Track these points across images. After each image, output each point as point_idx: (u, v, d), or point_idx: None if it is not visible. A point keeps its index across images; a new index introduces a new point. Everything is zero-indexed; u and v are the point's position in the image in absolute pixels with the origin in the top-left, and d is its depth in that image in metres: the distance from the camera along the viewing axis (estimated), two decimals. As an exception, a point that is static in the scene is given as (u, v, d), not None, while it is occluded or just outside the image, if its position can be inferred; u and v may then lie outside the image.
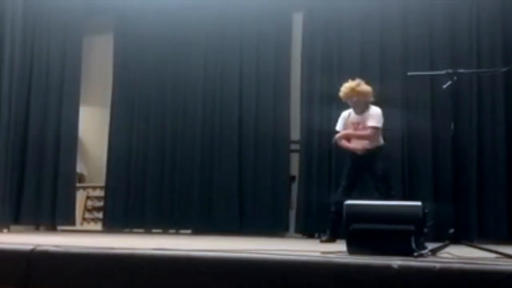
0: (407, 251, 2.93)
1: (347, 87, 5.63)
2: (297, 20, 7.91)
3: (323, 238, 5.57)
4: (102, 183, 8.63)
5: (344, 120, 5.74)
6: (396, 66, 7.09)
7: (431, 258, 2.94)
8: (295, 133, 7.71)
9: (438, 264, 2.32)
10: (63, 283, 2.78)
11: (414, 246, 3.00)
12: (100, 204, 8.76)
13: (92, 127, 9.18)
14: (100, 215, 8.71)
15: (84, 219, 8.98)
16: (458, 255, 3.17)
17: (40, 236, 5.96)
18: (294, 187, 7.65)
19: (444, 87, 4.21)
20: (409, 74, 5.57)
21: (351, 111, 5.72)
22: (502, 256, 3.24)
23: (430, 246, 3.23)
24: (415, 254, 2.95)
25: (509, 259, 3.07)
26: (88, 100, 8.96)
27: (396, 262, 2.37)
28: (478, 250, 3.52)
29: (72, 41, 8.35)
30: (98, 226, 8.66)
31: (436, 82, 6.12)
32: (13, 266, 2.86)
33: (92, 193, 9.08)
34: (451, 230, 3.72)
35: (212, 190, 7.87)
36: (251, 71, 7.96)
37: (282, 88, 7.82)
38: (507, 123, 6.65)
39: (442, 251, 3.41)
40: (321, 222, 6.61)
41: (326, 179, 7.22)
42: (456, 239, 3.68)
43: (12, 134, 7.32)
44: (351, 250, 3.11)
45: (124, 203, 8.30)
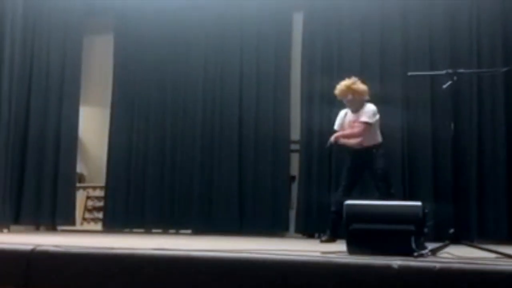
0: (407, 251, 2.94)
1: (343, 85, 5.62)
2: (297, 20, 7.91)
3: (323, 238, 5.56)
4: (102, 183, 8.63)
5: (341, 120, 5.73)
6: (396, 66, 7.09)
7: (431, 258, 2.94)
8: (295, 133, 7.71)
9: (438, 264, 2.32)
10: (63, 283, 2.78)
11: (414, 246, 3.00)
12: (100, 204, 8.76)
13: (92, 127, 9.18)
14: (100, 215, 8.71)
15: (84, 219, 8.97)
16: (458, 255, 3.17)
17: (40, 236, 5.96)
18: (294, 187, 7.65)
19: (444, 87, 4.22)
20: (409, 74, 5.58)
21: (348, 110, 5.71)
22: (502, 256, 3.24)
23: (430, 246, 3.24)
24: (415, 254, 2.95)
25: (509, 259, 3.08)
26: (88, 100, 8.95)
27: (396, 262, 2.37)
28: (478, 250, 3.52)
29: (72, 41, 8.35)
30: (98, 226, 8.66)
31: (436, 82, 6.13)
32: (13, 266, 2.86)
33: (92, 193, 9.08)
34: (451, 230, 3.72)
35: (212, 190, 7.87)
36: (251, 71, 7.95)
37: (282, 88, 7.82)
38: (507, 123, 6.65)
39: (442, 251, 3.41)
40: (321, 222, 6.62)
41: (326, 179, 7.22)
42: (456, 239, 3.68)
43: (12, 134, 7.32)
44: (351, 250, 3.12)
45: (124, 203, 8.30)
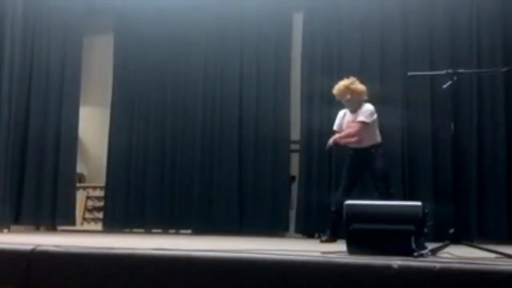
0: (407, 251, 2.94)
1: (341, 85, 5.62)
2: (297, 20, 7.91)
3: (323, 238, 5.55)
4: (102, 183, 8.63)
5: (340, 120, 5.73)
6: (396, 66, 7.09)
7: (431, 258, 2.94)
8: (295, 133, 7.71)
9: (438, 264, 2.32)
10: (63, 283, 2.78)
11: (414, 246, 3.00)
12: (100, 204, 8.76)
13: (92, 127, 9.17)
14: (100, 215, 8.71)
15: (84, 219, 8.97)
16: (458, 255, 3.17)
17: (40, 236, 5.96)
18: (294, 187, 7.65)
19: (444, 87, 4.22)
20: (409, 74, 5.57)
21: (347, 110, 5.71)
22: (502, 256, 3.24)
23: (430, 246, 3.24)
24: (415, 254, 2.95)
25: (509, 259, 3.07)
26: (88, 100, 8.95)
27: (396, 262, 2.37)
28: (478, 250, 3.52)
29: (72, 41, 8.35)
30: (98, 226, 8.66)
31: (436, 82, 6.12)
32: (13, 266, 2.86)
33: (92, 193, 9.08)
34: (451, 230, 3.72)
35: (212, 190, 7.87)
36: (251, 71, 7.95)
37: (282, 88, 7.82)
38: (507, 123, 6.65)
39: (442, 251, 3.41)
40: (321, 222, 6.62)
41: (326, 179, 7.22)
42: (456, 239, 3.68)
43: (12, 134, 7.31)
44: (351, 250, 3.11)
45: (124, 203, 8.30)
